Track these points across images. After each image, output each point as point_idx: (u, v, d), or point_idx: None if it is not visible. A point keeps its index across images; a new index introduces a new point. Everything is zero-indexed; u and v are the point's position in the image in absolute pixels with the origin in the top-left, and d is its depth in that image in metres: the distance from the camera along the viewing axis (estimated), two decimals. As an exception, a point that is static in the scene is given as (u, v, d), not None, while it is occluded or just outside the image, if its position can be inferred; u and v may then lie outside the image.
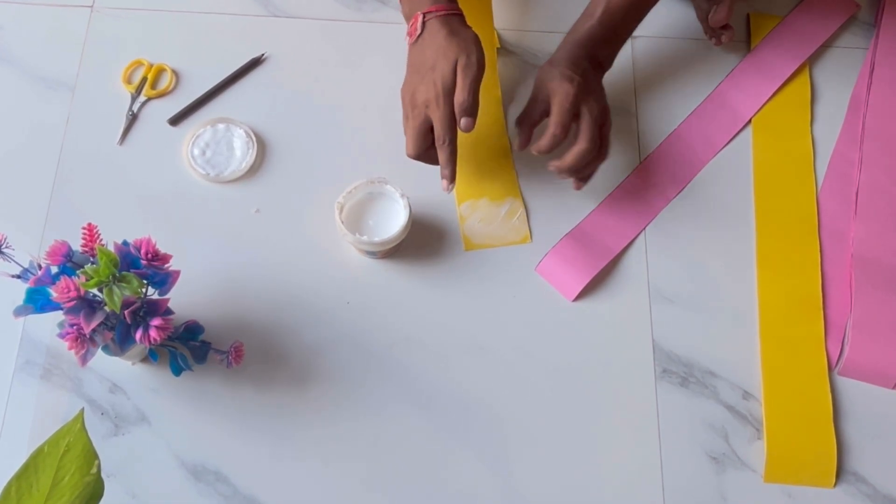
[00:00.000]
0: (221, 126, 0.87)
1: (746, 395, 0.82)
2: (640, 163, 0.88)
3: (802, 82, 0.95)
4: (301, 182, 0.87)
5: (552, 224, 0.87)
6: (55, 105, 0.88)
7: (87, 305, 0.64)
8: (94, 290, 0.64)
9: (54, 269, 0.66)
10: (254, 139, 0.87)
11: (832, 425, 0.80)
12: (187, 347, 0.74)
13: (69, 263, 0.65)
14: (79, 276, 0.63)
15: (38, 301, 0.66)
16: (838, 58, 0.97)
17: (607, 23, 0.80)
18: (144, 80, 0.89)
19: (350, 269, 0.84)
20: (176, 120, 0.88)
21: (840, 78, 0.96)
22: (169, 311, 0.68)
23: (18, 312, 0.65)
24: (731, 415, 0.81)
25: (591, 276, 0.83)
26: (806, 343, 0.84)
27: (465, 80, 0.74)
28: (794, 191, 0.90)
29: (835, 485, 0.79)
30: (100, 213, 0.81)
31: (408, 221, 0.79)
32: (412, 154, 0.77)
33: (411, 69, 0.78)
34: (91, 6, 0.93)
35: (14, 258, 0.68)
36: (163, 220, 0.84)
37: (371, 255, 0.83)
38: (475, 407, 0.80)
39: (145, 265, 0.66)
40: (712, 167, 0.90)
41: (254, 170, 0.87)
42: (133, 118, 0.88)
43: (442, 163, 0.77)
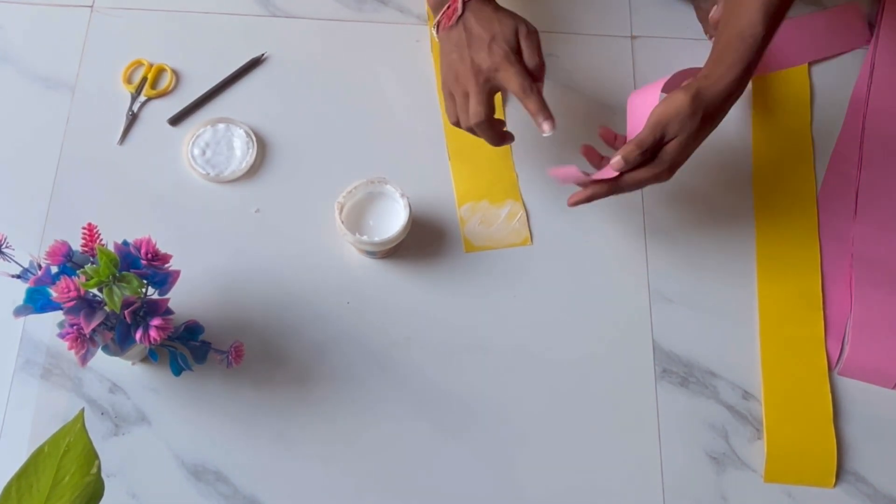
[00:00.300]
0: (221, 126, 0.87)
1: (746, 395, 0.82)
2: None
3: (802, 82, 0.95)
4: (301, 182, 0.87)
5: (552, 226, 0.87)
6: (55, 105, 0.88)
7: (87, 305, 0.64)
8: (94, 290, 0.64)
9: (54, 269, 0.66)
10: (254, 139, 0.87)
11: (832, 425, 0.80)
12: (187, 347, 0.74)
13: (69, 263, 0.65)
14: (79, 276, 0.63)
15: (38, 301, 0.66)
16: (838, 58, 0.97)
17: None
18: (144, 79, 0.89)
19: (350, 269, 0.84)
20: (176, 120, 0.88)
21: (840, 78, 0.96)
22: (169, 311, 0.68)
23: (18, 312, 0.65)
24: (731, 415, 0.81)
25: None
26: (806, 343, 0.84)
27: (532, 46, 0.74)
28: (794, 191, 0.90)
29: (835, 484, 0.79)
30: (100, 213, 0.81)
31: (408, 221, 0.79)
32: (482, 117, 0.74)
33: (454, 49, 0.76)
34: (91, 6, 0.93)
35: (14, 258, 0.67)
36: (163, 220, 0.84)
37: (371, 254, 0.83)
38: (475, 407, 0.80)
39: (145, 265, 0.66)
40: (712, 167, 0.90)
41: (254, 170, 0.87)
42: (133, 118, 0.88)
43: (536, 109, 0.73)
